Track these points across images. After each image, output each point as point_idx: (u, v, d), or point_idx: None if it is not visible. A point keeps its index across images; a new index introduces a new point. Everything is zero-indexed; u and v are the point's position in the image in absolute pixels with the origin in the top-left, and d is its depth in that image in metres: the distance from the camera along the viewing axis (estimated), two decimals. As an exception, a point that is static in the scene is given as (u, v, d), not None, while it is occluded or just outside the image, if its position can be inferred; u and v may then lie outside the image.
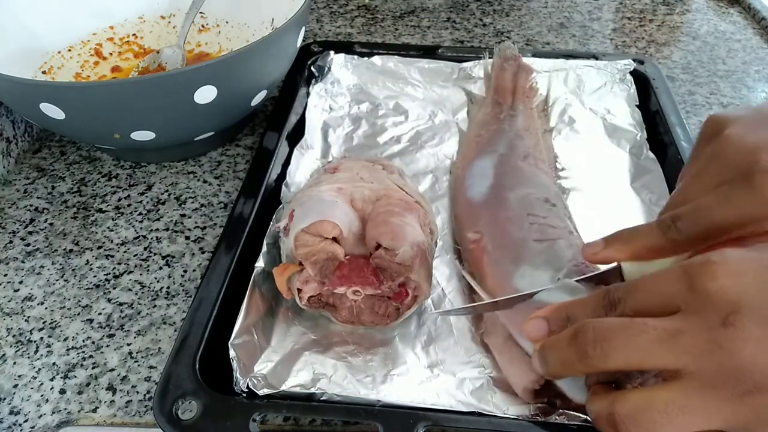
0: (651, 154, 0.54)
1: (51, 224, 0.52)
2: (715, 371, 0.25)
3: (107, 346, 0.43)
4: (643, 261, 0.34)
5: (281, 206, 0.47)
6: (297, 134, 0.56)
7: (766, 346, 0.25)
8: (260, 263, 0.43)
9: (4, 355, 0.42)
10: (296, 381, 0.38)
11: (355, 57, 0.65)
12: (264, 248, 0.44)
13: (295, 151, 0.54)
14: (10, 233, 0.51)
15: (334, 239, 0.39)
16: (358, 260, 0.40)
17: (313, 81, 0.63)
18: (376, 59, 0.65)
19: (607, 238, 0.35)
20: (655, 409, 0.26)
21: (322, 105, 0.61)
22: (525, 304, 0.36)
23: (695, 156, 0.36)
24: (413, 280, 0.39)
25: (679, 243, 0.32)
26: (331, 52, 0.64)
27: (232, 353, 0.37)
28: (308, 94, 0.61)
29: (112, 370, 0.41)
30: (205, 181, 0.56)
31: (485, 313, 0.40)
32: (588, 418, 0.35)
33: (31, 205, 0.54)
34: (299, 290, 0.40)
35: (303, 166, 0.53)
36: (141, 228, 0.51)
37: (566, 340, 0.29)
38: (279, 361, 0.39)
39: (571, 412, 0.35)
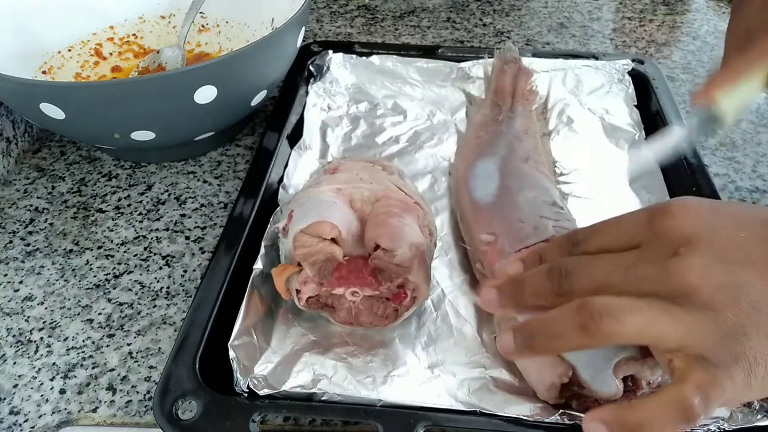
0: (650, 155, 0.54)
1: (51, 224, 0.52)
2: (668, 291, 0.28)
3: (107, 346, 0.43)
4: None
5: (278, 209, 0.47)
6: (297, 134, 0.56)
7: (710, 272, 0.28)
8: (258, 265, 0.43)
9: (4, 355, 0.42)
10: (296, 382, 0.38)
11: (354, 56, 0.65)
12: (262, 250, 0.44)
13: (293, 152, 0.54)
14: (10, 233, 0.51)
15: (333, 240, 0.39)
16: (357, 261, 0.40)
17: (311, 80, 0.63)
18: (375, 59, 0.65)
19: (705, 84, 0.38)
20: (626, 303, 0.29)
21: (321, 104, 0.61)
22: None
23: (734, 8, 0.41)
24: (412, 281, 0.39)
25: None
26: (330, 51, 0.64)
27: (231, 354, 0.37)
28: (307, 93, 0.61)
29: (112, 370, 0.41)
30: (205, 181, 0.56)
31: (498, 315, 0.40)
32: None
33: (31, 205, 0.54)
34: (298, 291, 0.40)
35: (301, 167, 0.53)
36: (141, 228, 0.51)
37: (541, 274, 0.32)
38: (279, 362, 0.39)
39: (572, 412, 0.35)
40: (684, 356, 0.28)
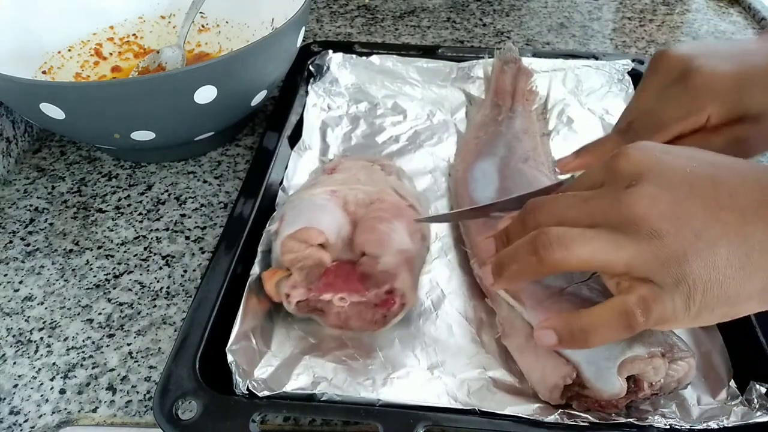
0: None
1: (51, 224, 0.52)
2: (617, 220, 0.30)
3: (107, 346, 0.43)
4: None
5: (276, 211, 0.47)
6: (297, 134, 0.56)
7: (657, 202, 0.30)
8: (255, 270, 0.42)
9: (4, 355, 0.42)
10: (296, 385, 0.37)
11: (354, 56, 0.65)
12: (258, 255, 0.43)
13: (293, 154, 0.54)
14: (10, 233, 0.51)
15: (321, 245, 0.39)
16: (345, 267, 0.40)
17: (311, 80, 0.63)
18: (375, 58, 0.65)
19: (576, 151, 0.43)
20: (575, 233, 0.31)
21: (321, 104, 0.61)
22: (549, 300, 0.36)
23: (644, 77, 0.42)
24: (398, 288, 0.39)
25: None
26: (330, 51, 0.64)
27: (230, 358, 0.37)
28: (307, 93, 0.61)
29: (112, 370, 0.41)
30: (205, 181, 0.56)
31: (502, 315, 0.40)
32: (589, 417, 0.35)
33: (31, 205, 0.54)
34: (287, 295, 0.39)
35: (301, 167, 0.53)
36: (141, 228, 0.51)
37: (517, 217, 0.35)
38: (279, 366, 0.39)
39: (573, 412, 0.35)
40: (630, 278, 0.30)
